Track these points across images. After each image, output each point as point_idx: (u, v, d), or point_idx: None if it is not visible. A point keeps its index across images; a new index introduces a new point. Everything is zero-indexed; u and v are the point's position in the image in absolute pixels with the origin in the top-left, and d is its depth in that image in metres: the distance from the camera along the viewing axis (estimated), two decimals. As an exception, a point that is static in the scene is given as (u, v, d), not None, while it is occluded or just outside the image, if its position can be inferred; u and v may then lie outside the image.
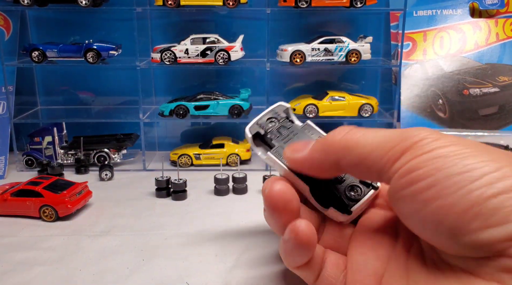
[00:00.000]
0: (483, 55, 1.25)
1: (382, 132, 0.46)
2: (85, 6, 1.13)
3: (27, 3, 1.13)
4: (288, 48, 1.18)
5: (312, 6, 1.14)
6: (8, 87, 1.19)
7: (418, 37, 1.26)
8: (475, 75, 1.24)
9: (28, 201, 0.90)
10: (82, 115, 1.30)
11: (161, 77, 1.34)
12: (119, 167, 1.23)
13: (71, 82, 1.34)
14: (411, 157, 0.42)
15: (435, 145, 0.41)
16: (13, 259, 0.75)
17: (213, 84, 1.33)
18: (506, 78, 1.23)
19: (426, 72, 1.26)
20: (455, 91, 1.24)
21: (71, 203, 0.90)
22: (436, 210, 0.38)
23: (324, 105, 1.21)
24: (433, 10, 1.27)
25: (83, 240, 0.82)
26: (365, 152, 0.46)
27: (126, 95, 1.33)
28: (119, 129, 1.30)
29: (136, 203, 0.99)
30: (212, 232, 0.84)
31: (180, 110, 1.20)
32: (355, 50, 1.18)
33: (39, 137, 1.22)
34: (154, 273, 0.70)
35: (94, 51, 1.16)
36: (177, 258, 0.75)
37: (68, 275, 0.70)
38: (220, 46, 1.18)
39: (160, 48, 1.18)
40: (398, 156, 0.43)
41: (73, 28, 1.28)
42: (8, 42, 1.22)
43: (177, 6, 1.14)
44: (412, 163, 0.41)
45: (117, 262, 0.74)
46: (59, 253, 0.77)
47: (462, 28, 1.26)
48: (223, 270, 0.70)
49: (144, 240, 0.81)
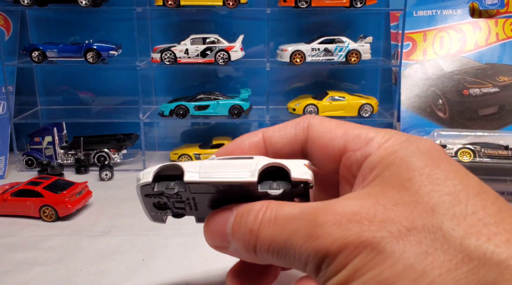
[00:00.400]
0: (483, 55, 1.25)
1: (299, 223, 0.35)
2: (85, 6, 1.13)
3: (27, 3, 1.13)
4: (288, 48, 1.18)
5: (312, 6, 1.14)
6: (8, 87, 1.19)
7: (418, 37, 1.26)
8: (475, 75, 1.24)
9: (28, 201, 0.90)
10: (82, 115, 1.30)
11: (161, 77, 1.34)
12: (119, 167, 1.23)
13: (71, 82, 1.34)
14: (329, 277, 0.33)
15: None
16: (13, 259, 0.75)
17: (213, 84, 1.33)
18: (506, 78, 1.23)
19: (426, 72, 1.25)
20: (455, 91, 1.24)
21: (71, 203, 0.90)
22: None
23: (324, 105, 1.21)
24: (433, 10, 1.26)
25: (83, 240, 0.82)
26: (291, 258, 0.35)
27: (126, 95, 1.33)
28: (119, 129, 1.30)
29: (136, 203, 0.98)
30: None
31: (180, 110, 1.20)
32: (355, 50, 1.18)
33: (39, 137, 1.22)
34: (154, 273, 0.70)
35: (94, 51, 1.16)
36: (177, 258, 0.75)
37: (68, 275, 0.70)
38: (220, 46, 1.18)
39: (160, 48, 1.18)
40: (316, 270, 0.34)
41: (73, 28, 1.28)
42: (8, 42, 1.22)
43: (177, 6, 1.14)
44: None
45: (117, 262, 0.74)
46: (59, 253, 0.77)
47: (462, 28, 1.26)
48: (223, 270, 0.70)
49: (144, 240, 0.81)
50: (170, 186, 0.42)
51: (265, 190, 0.39)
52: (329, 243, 0.32)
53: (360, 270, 0.30)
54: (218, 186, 0.40)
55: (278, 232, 0.36)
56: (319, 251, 0.32)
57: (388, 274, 0.29)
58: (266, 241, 0.36)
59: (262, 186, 0.39)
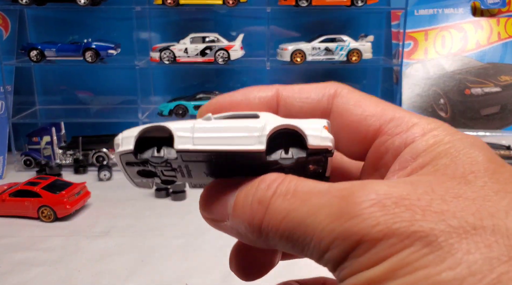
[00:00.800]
0: (484, 54, 1.24)
1: (325, 198, 0.29)
2: (84, 5, 1.12)
3: (25, 2, 1.12)
4: (289, 47, 1.17)
5: (312, 4, 1.13)
6: (6, 87, 1.19)
7: (420, 36, 1.26)
8: (476, 74, 1.23)
9: (27, 202, 0.89)
10: (81, 115, 1.29)
11: (160, 77, 1.34)
12: (118, 167, 1.22)
13: (70, 82, 1.33)
14: (357, 280, 0.27)
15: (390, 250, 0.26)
16: (11, 260, 0.74)
17: (212, 83, 1.32)
18: (508, 77, 1.22)
19: (428, 71, 1.25)
20: (457, 91, 1.23)
21: (70, 203, 0.89)
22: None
23: (325, 104, 1.20)
24: (435, 9, 1.26)
25: (82, 241, 0.81)
26: (308, 239, 0.29)
27: (125, 95, 1.33)
28: (118, 129, 1.27)
29: (135, 204, 0.98)
30: (211, 232, 0.83)
31: (179, 109, 1.19)
32: (356, 49, 1.17)
33: (38, 137, 1.21)
34: (153, 274, 0.69)
35: (93, 51, 1.15)
36: (177, 259, 0.74)
37: (67, 276, 0.69)
38: (220, 45, 1.17)
39: (159, 47, 1.17)
40: (340, 258, 0.28)
41: (71, 27, 1.27)
42: (6, 42, 1.22)
43: (177, 5, 1.13)
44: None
45: (116, 263, 0.73)
46: (57, 254, 0.76)
47: (463, 27, 1.26)
48: (223, 271, 0.70)
49: (144, 241, 0.80)
50: (156, 155, 0.34)
51: (275, 159, 0.32)
52: (369, 226, 0.26)
53: (407, 266, 0.25)
54: (216, 154, 0.33)
55: (295, 206, 0.29)
56: (352, 234, 0.26)
57: (448, 277, 0.24)
58: (278, 216, 0.29)
59: (271, 154, 0.32)
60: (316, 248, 0.28)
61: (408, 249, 0.25)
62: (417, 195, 0.27)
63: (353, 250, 0.27)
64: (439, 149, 0.30)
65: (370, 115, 0.34)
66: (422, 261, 0.25)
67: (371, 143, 0.35)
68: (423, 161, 0.30)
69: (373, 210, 0.26)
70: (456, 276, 0.24)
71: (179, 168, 0.36)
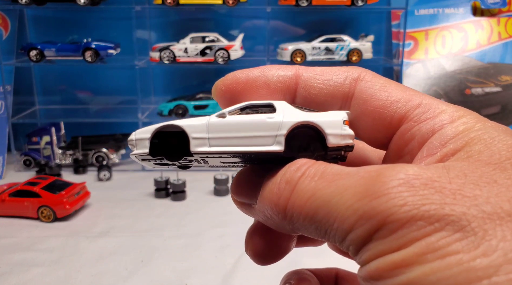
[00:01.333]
0: (485, 54, 1.24)
1: (350, 180, 0.28)
2: (84, 4, 1.12)
3: (25, 2, 1.11)
4: (289, 47, 1.17)
5: (312, 4, 1.13)
6: (6, 87, 1.18)
7: (420, 36, 1.25)
8: (477, 74, 1.23)
9: (26, 202, 0.89)
10: (81, 114, 1.29)
11: (160, 76, 1.33)
12: (117, 167, 1.22)
13: (69, 82, 1.33)
14: (381, 263, 0.26)
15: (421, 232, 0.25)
16: (11, 260, 0.74)
17: (212, 83, 1.31)
18: (508, 77, 1.22)
19: (428, 71, 1.25)
20: (457, 91, 1.23)
21: (69, 203, 0.89)
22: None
23: (325, 104, 1.20)
24: (435, 9, 1.26)
25: (81, 241, 0.81)
26: (331, 220, 0.28)
27: (124, 95, 1.32)
28: (117, 129, 1.29)
29: (135, 204, 0.98)
30: (211, 233, 0.83)
31: (179, 109, 1.19)
32: (356, 49, 1.17)
33: (37, 137, 1.21)
34: (153, 275, 0.69)
35: (93, 50, 1.15)
36: (177, 259, 0.74)
37: (66, 276, 0.69)
38: (220, 45, 1.17)
39: (159, 47, 1.17)
40: (364, 239, 0.27)
41: (71, 27, 1.27)
42: (6, 41, 1.21)
43: (176, 5, 1.13)
44: (379, 271, 0.26)
45: (115, 263, 0.73)
46: (57, 254, 0.76)
47: (464, 27, 1.25)
48: (223, 271, 0.69)
49: (143, 241, 0.80)
50: (170, 163, 0.35)
51: (293, 155, 0.32)
52: (395, 206, 0.24)
53: (438, 250, 0.24)
54: (233, 153, 0.33)
55: (322, 186, 0.28)
56: (377, 214, 0.25)
57: (482, 264, 0.23)
58: (303, 196, 0.29)
59: (289, 151, 0.32)
60: (340, 229, 0.27)
61: (439, 233, 0.24)
62: (449, 179, 0.26)
63: (377, 231, 0.25)
64: (471, 135, 0.29)
65: (396, 101, 0.33)
66: (454, 246, 0.23)
67: (396, 130, 0.33)
68: (454, 147, 0.29)
69: (401, 190, 0.25)
70: (492, 263, 0.23)
71: (196, 160, 0.36)
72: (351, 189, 0.27)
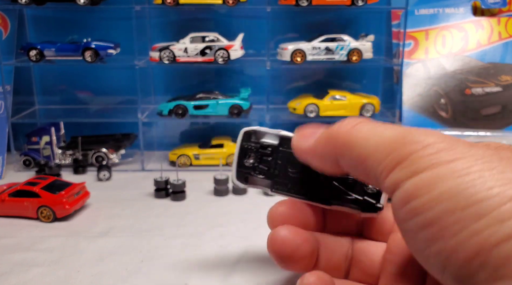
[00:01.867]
0: (485, 54, 1.24)
1: (390, 130, 0.38)
2: (83, 4, 1.11)
3: (25, 1, 1.11)
4: (289, 46, 1.17)
5: (312, 4, 1.13)
6: (5, 87, 1.18)
7: (420, 35, 1.25)
8: (477, 74, 1.23)
9: (26, 202, 0.89)
10: (80, 114, 1.29)
11: (160, 76, 1.33)
12: (117, 167, 1.22)
13: (69, 82, 1.33)
14: (407, 173, 0.33)
15: (438, 158, 0.32)
16: (10, 261, 0.74)
17: (212, 83, 1.32)
18: (508, 77, 1.22)
19: (428, 71, 1.25)
20: (458, 91, 1.23)
21: (69, 203, 0.89)
22: (439, 253, 0.31)
23: (325, 104, 1.20)
24: (435, 8, 1.26)
25: (81, 241, 0.81)
26: (365, 154, 0.38)
27: (124, 95, 1.32)
28: (117, 129, 1.29)
29: (134, 204, 0.98)
30: (211, 233, 0.83)
31: (179, 109, 1.19)
32: (357, 49, 1.17)
33: (37, 137, 1.21)
34: (153, 275, 0.69)
35: (92, 50, 1.15)
36: (177, 260, 0.74)
37: (66, 276, 0.69)
38: (220, 44, 1.17)
39: (159, 46, 1.17)
40: (392, 166, 0.35)
41: (71, 27, 1.27)
42: (5, 41, 1.21)
43: (176, 5, 1.13)
44: (408, 186, 0.33)
45: (115, 263, 0.73)
46: (57, 254, 0.76)
47: (464, 27, 1.25)
48: (223, 272, 0.69)
49: (143, 242, 0.80)
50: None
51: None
52: (415, 141, 0.35)
53: None
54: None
55: (374, 127, 0.39)
56: (407, 144, 0.35)
57: None
58: (358, 132, 0.40)
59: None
60: (378, 152, 0.37)
61: None
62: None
63: (410, 155, 0.34)
64: None
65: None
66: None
67: None
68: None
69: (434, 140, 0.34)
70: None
71: (272, 161, 0.56)
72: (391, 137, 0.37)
